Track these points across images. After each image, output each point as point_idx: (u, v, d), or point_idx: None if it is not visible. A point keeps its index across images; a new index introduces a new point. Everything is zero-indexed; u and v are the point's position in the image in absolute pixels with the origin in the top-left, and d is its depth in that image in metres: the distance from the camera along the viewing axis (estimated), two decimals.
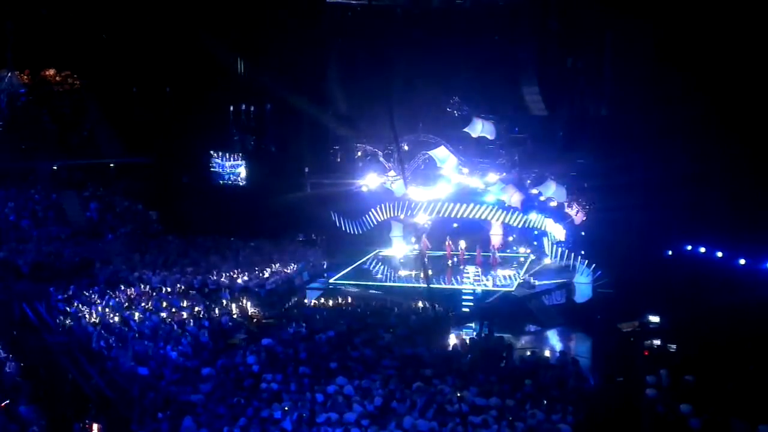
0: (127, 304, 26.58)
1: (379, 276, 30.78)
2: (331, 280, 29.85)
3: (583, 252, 30.75)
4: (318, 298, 28.67)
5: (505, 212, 31.64)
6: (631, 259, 29.23)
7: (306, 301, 28.78)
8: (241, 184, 41.44)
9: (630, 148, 32.09)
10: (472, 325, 26.50)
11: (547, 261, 32.26)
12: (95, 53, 40.80)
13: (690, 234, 31.90)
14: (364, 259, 33.30)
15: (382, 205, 33.13)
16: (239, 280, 29.35)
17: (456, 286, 28.94)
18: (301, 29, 37.20)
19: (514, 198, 31.56)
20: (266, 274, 30.16)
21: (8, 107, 40.16)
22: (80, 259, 31.77)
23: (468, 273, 29.64)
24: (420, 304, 26.60)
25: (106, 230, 37.16)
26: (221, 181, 41.58)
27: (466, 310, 27.58)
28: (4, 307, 25.62)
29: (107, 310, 25.64)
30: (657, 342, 23.25)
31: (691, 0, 30.92)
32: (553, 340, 26.84)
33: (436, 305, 26.64)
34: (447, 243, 32.75)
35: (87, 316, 24.88)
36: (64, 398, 19.56)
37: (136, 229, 37.89)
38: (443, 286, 29.16)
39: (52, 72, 43.43)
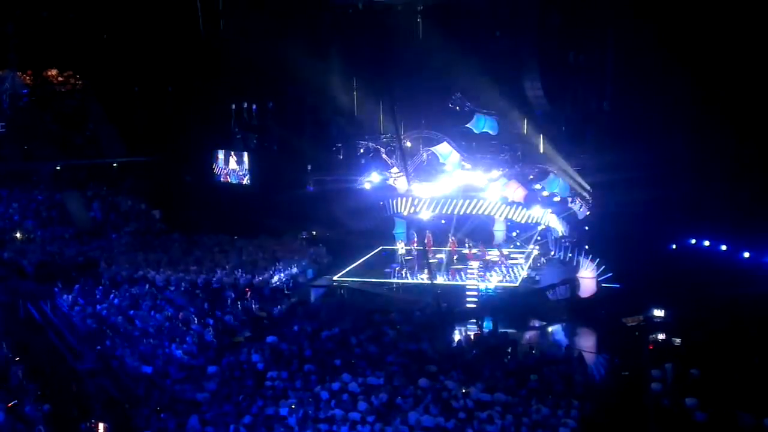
0: (131, 303, 26.62)
1: (382, 273, 30.75)
2: (334, 278, 29.85)
3: (587, 247, 30.72)
4: (322, 296, 28.66)
5: (508, 208, 31.59)
6: (635, 253, 29.14)
7: (310, 298, 28.80)
8: (244, 182, 41.41)
9: (633, 142, 31.97)
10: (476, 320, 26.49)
11: (551, 256, 32.21)
12: (97, 53, 40.81)
13: (694, 227, 31.82)
14: (368, 256, 33.27)
15: (385, 201, 33.07)
16: (243, 279, 29.36)
17: (460, 282, 28.92)
18: (304, 26, 37.10)
19: (517, 193, 31.52)
20: (270, 272, 30.15)
21: (11, 108, 40.13)
22: (84, 259, 31.80)
23: (472, 269, 29.61)
24: (424, 301, 26.61)
25: (110, 230, 37.18)
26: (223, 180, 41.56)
27: (470, 306, 27.56)
28: (8, 307, 25.65)
29: (111, 309, 25.69)
30: (662, 336, 23.26)
31: None
32: (558, 335, 26.82)
33: (440, 301, 26.64)
34: (450, 239, 32.71)
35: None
36: (70, 398, 19.60)
37: (139, 229, 37.91)
38: (447, 282, 29.13)
39: (54, 72, 43.49)
